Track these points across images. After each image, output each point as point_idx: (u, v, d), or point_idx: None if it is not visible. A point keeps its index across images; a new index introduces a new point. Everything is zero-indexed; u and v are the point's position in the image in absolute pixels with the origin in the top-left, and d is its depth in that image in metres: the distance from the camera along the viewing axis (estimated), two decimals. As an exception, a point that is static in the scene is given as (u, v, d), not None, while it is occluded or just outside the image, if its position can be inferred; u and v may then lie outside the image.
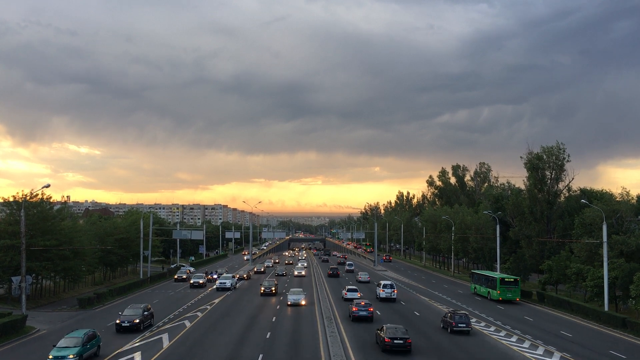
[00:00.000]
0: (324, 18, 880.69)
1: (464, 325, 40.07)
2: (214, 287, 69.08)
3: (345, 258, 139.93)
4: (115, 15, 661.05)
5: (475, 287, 68.18)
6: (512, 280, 60.71)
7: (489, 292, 62.52)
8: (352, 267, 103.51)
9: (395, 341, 32.86)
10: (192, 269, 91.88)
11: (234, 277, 72.19)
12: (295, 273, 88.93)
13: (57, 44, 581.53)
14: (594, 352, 35.16)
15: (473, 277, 71.01)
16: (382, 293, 58.23)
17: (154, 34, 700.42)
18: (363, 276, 79.82)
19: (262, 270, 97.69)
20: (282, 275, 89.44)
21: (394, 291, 58.68)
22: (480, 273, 69.43)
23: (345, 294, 57.44)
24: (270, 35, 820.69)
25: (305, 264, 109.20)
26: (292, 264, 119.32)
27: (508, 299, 59.16)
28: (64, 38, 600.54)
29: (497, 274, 64.87)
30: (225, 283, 67.72)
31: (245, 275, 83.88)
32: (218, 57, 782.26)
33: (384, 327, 34.47)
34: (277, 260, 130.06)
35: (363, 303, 45.84)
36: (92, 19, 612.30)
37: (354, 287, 60.18)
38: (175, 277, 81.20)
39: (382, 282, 60.65)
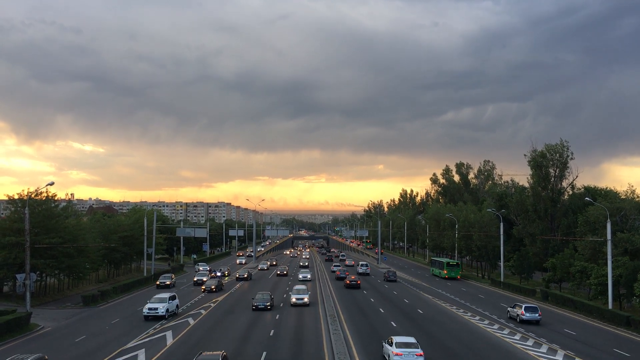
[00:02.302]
0: (328, 15, 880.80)
1: (393, 276, 78.90)
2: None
3: (341, 252, 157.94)
4: (119, 13, 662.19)
5: (433, 270, 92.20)
6: (455, 263, 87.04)
7: (440, 272, 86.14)
8: (345, 257, 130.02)
9: (351, 282, 67.39)
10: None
11: (171, 299, 45.33)
12: (293, 300, 50.32)
13: (61, 41, 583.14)
14: (598, 350, 35.03)
15: (432, 263, 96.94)
16: (360, 269, 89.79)
17: (158, 31, 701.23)
18: (349, 261, 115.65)
19: (245, 276, 76.92)
20: (266, 309, 47.09)
21: (367, 268, 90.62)
22: (435, 259, 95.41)
23: (332, 267, 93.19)
24: (273, 33, 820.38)
25: (309, 276, 77.24)
26: (287, 274, 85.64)
27: (452, 277, 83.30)
28: (68, 36, 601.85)
29: (445, 259, 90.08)
30: (156, 309, 42.63)
31: (213, 287, 61.63)
32: (222, 55, 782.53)
33: (347, 276, 72.65)
34: (274, 262, 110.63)
35: (343, 269, 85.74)
36: (96, 17, 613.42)
37: (338, 264, 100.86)
38: (158, 282, 68.26)
39: (360, 263, 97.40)
